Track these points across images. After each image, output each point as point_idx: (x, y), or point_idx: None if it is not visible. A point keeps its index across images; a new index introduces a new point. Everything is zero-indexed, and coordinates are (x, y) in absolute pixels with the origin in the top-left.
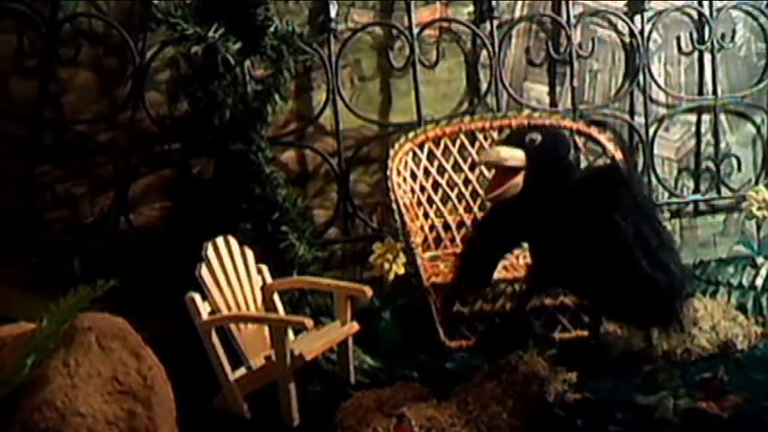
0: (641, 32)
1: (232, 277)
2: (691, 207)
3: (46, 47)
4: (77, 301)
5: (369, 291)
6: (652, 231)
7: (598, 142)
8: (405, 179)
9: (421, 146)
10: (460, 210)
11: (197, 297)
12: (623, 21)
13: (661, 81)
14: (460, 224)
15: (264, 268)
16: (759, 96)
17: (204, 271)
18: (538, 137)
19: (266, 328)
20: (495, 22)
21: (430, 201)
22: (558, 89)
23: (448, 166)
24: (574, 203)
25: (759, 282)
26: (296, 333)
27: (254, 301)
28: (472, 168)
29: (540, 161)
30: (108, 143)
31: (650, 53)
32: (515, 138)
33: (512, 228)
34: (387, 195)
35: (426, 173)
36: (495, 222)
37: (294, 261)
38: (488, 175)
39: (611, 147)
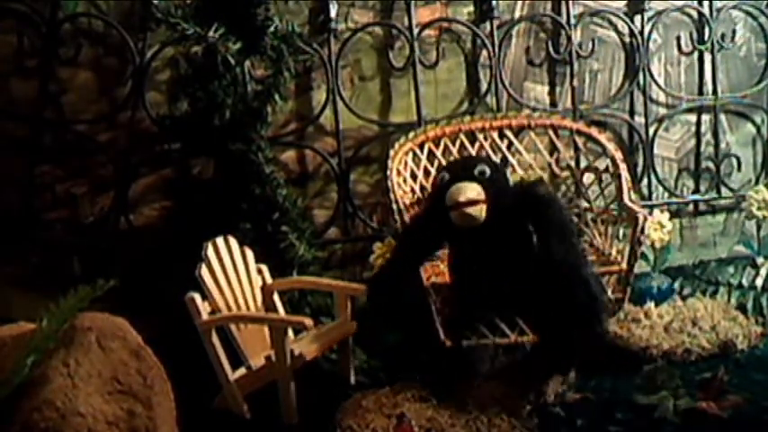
0: (641, 32)
1: (232, 277)
2: (691, 207)
3: (46, 47)
4: (77, 301)
5: None
6: (575, 249)
7: (598, 142)
8: (405, 179)
9: (421, 146)
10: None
11: (197, 297)
12: (623, 21)
13: (661, 81)
14: None
15: (264, 268)
16: (759, 96)
17: (204, 271)
18: (486, 168)
19: (266, 328)
20: (495, 22)
21: None
22: (558, 89)
23: None
24: (507, 226)
25: (759, 282)
26: (296, 333)
27: (254, 301)
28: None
29: (493, 192)
30: (108, 143)
31: (650, 53)
32: (466, 173)
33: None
34: (387, 195)
35: (426, 173)
36: (415, 241)
37: (294, 261)
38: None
39: (611, 147)
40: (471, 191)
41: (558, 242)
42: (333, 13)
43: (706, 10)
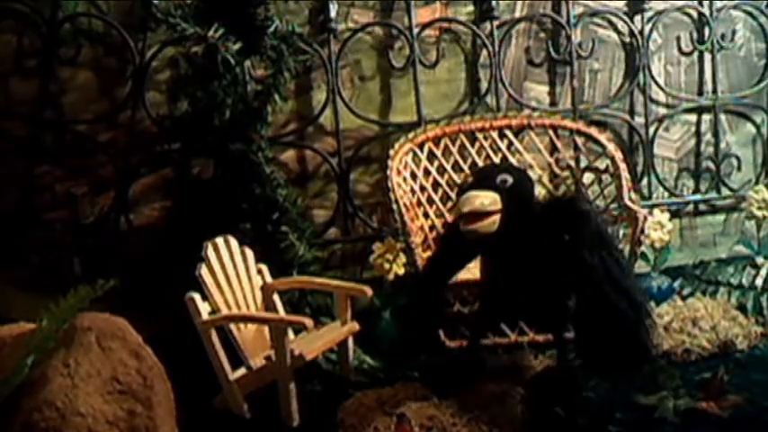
0: (641, 32)
1: (232, 277)
2: (691, 207)
3: (46, 47)
4: (77, 301)
5: (369, 291)
6: (613, 260)
7: (598, 142)
8: (405, 179)
9: (421, 146)
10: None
11: (197, 297)
12: (623, 21)
13: (661, 81)
14: None
15: (264, 268)
16: (759, 96)
17: (204, 271)
18: (508, 178)
19: (266, 328)
20: (495, 22)
21: (430, 201)
22: (558, 89)
23: (448, 166)
24: (536, 238)
25: (759, 282)
26: (296, 333)
27: (254, 301)
28: (472, 168)
29: (513, 201)
30: (108, 143)
31: (650, 53)
32: (487, 181)
33: (468, 255)
34: (387, 195)
35: (426, 173)
36: (453, 251)
37: (294, 261)
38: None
39: (611, 147)
40: (485, 199)
41: (596, 254)
42: (333, 13)
43: (706, 10)
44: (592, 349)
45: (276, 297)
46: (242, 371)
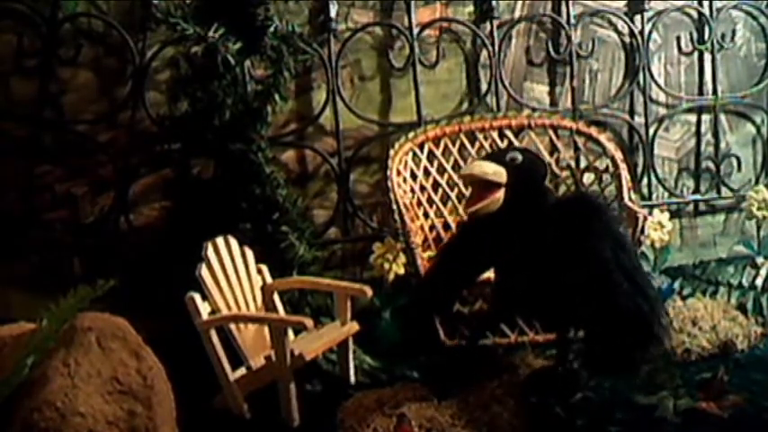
0: (641, 32)
1: (232, 277)
2: (691, 207)
3: (46, 47)
4: (77, 301)
5: (369, 291)
6: (626, 256)
7: (598, 142)
8: (405, 179)
9: (421, 146)
10: (460, 210)
11: (197, 297)
12: (623, 21)
13: (661, 81)
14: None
15: (264, 268)
16: (759, 96)
17: (204, 271)
18: (518, 156)
19: (266, 328)
20: (495, 22)
21: (430, 201)
22: (558, 89)
23: (448, 166)
24: (547, 231)
25: (759, 282)
26: (296, 333)
27: (254, 301)
28: None
29: (520, 179)
30: (108, 143)
31: (650, 53)
32: (496, 156)
33: (480, 255)
34: (387, 195)
35: (426, 173)
36: (464, 249)
37: (294, 261)
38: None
39: (611, 147)
40: (488, 168)
41: (608, 247)
42: (333, 13)
43: (706, 10)
44: (604, 345)
45: (276, 297)
46: (242, 371)
